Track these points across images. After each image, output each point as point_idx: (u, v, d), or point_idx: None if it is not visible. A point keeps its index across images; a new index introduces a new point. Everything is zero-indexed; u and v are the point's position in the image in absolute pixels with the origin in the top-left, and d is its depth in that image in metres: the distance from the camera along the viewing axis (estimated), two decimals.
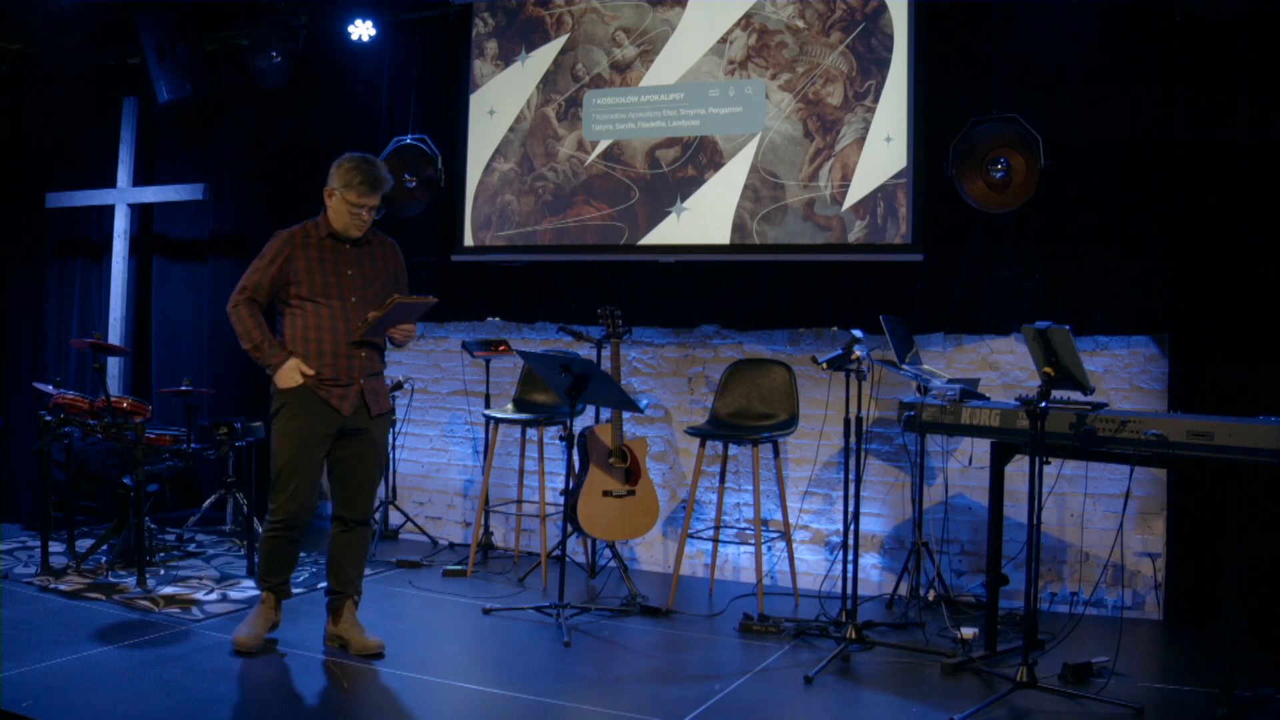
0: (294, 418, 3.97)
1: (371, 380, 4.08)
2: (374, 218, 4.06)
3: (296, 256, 3.99)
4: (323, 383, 3.97)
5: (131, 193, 6.80)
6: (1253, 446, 3.37)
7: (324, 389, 3.97)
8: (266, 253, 4.02)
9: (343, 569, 4.14)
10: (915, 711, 3.61)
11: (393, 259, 4.20)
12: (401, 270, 4.23)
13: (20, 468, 6.87)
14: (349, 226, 4.00)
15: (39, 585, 4.86)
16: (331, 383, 3.98)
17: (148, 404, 5.46)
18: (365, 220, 4.01)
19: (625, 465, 4.96)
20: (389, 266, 4.16)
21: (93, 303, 7.06)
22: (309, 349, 3.97)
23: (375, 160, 4.05)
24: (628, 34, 5.80)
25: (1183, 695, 3.80)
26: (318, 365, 3.96)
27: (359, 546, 4.17)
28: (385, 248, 4.20)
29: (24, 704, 3.37)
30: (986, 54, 5.07)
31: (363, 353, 4.03)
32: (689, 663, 4.20)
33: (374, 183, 3.97)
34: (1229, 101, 4.62)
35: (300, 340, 3.99)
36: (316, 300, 3.97)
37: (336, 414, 3.98)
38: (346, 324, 3.98)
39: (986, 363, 5.23)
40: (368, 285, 4.06)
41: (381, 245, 4.18)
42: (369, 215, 4.02)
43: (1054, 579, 5.01)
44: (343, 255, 4.05)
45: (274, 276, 3.99)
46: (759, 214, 5.47)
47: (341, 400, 3.99)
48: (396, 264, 4.21)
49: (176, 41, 6.38)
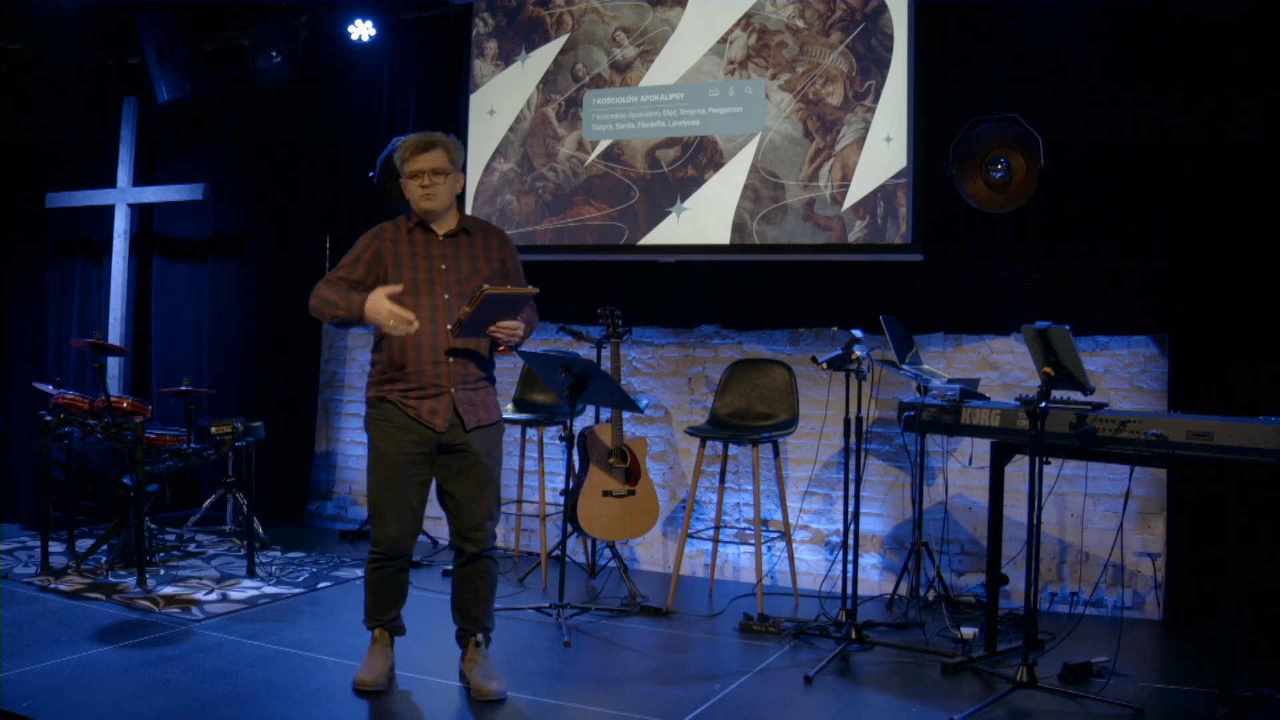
0: (382, 433, 3.59)
1: (466, 390, 3.59)
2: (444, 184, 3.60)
3: (385, 250, 3.60)
4: (410, 393, 3.55)
5: (131, 193, 6.80)
6: (1253, 446, 3.36)
7: (412, 400, 3.55)
8: (355, 247, 3.66)
9: (465, 605, 3.72)
10: (915, 711, 3.61)
11: (498, 249, 3.72)
12: (511, 260, 3.74)
13: (20, 468, 6.87)
14: (420, 200, 3.58)
15: (39, 585, 4.86)
16: (419, 393, 3.55)
17: (148, 404, 5.45)
18: (431, 188, 3.57)
19: (625, 465, 4.96)
20: (493, 258, 3.69)
21: (93, 303, 7.07)
22: (394, 356, 3.56)
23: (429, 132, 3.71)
24: (628, 34, 5.80)
25: (1183, 695, 3.80)
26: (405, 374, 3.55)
27: (480, 581, 3.70)
28: (490, 237, 3.73)
29: (24, 704, 3.37)
30: (986, 54, 5.07)
31: (455, 358, 3.56)
32: (689, 663, 4.20)
33: (420, 142, 3.60)
34: (1229, 101, 4.62)
35: (387, 346, 3.57)
36: (404, 299, 3.49)
37: (427, 429, 3.55)
38: (438, 325, 3.55)
39: (986, 363, 5.23)
40: (465, 280, 3.61)
41: (485, 235, 3.72)
42: (432, 179, 3.57)
43: (1054, 579, 5.01)
44: (435, 247, 3.62)
45: (361, 274, 3.59)
46: (759, 214, 5.47)
47: (432, 415, 3.54)
48: (504, 254, 3.72)
49: (176, 41, 6.38)
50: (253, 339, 6.72)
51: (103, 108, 6.99)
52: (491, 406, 3.71)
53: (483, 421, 3.64)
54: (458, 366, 3.58)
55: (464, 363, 3.60)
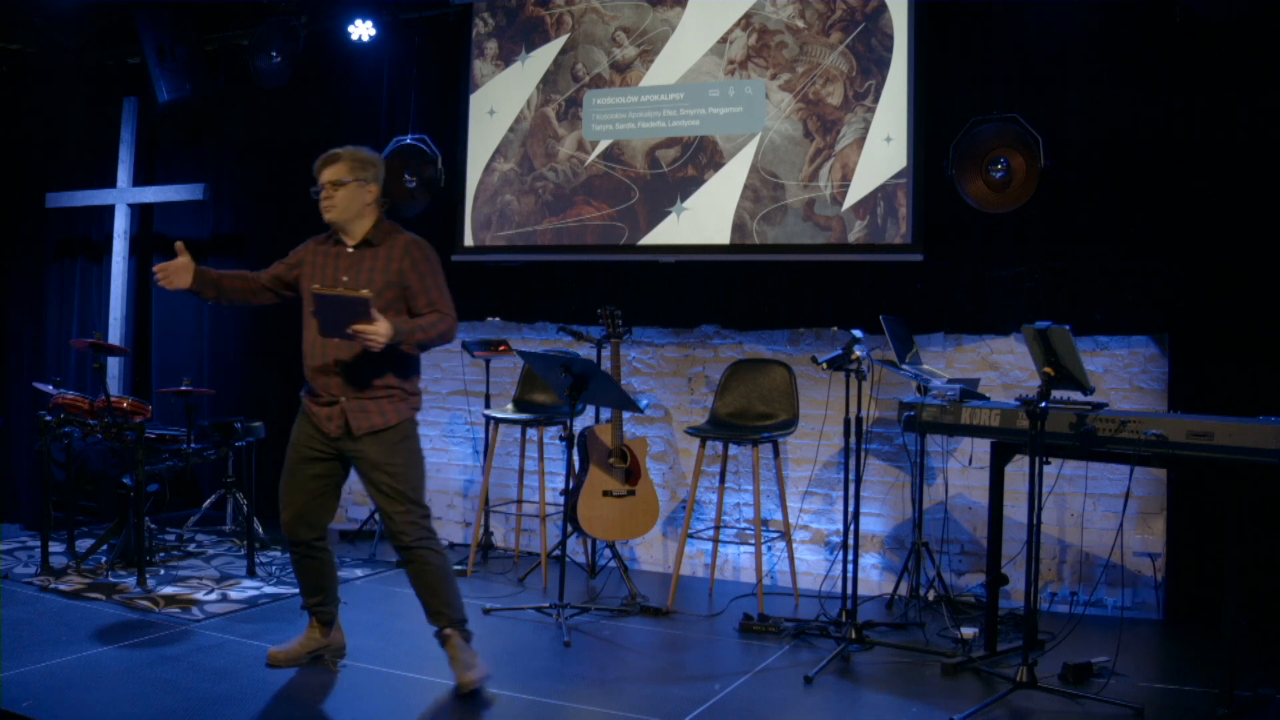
0: (295, 427, 3.81)
1: (360, 399, 3.66)
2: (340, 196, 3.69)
3: (305, 260, 3.80)
4: (314, 399, 3.73)
5: (131, 193, 6.81)
6: (1253, 446, 3.36)
7: (314, 405, 3.73)
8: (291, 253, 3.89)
9: (424, 601, 3.77)
10: (915, 711, 3.61)
11: (398, 259, 3.70)
12: (413, 270, 3.71)
13: (20, 468, 6.87)
14: (322, 212, 3.71)
15: (39, 585, 4.86)
16: (317, 400, 3.72)
17: (148, 404, 5.45)
18: (328, 200, 3.68)
19: (625, 465, 4.96)
20: (390, 269, 3.69)
21: (93, 303, 7.07)
22: (303, 365, 3.74)
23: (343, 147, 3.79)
24: (628, 34, 5.80)
25: (1183, 695, 3.80)
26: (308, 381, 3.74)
27: (425, 576, 3.73)
28: (394, 248, 3.72)
29: (24, 704, 3.37)
30: (986, 54, 5.07)
31: (346, 368, 3.64)
32: (689, 663, 4.20)
33: (325, 157, 3.73)
34: (1229, 101, 4.62)
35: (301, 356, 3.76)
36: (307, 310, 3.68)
37: (324, 435, 3.71)
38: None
39: (986, 363, 5.23)
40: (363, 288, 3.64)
41: (390, 246, 3.73)
42: (330, 191, 3.68)
43: (1054, 579, 5.01)
44: (343, 259, 3.74)
45: (281, 271, 3.84)
46: (759, 214, 5.47)
47: (328, 421, 3.69)
48: (403, 264, 3.70)
49: (176, 41, 6.39)
50: (253, 339, 6.72)
51: (103, 108, 6.99)
52: (389, 412, 3.70)
53: (375, 427, 3.68)
54: (349, 376, 3.65)
55: (357, 372, 3.65)
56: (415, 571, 3.74)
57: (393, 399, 3.72)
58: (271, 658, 3.89)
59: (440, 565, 3.75)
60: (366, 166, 3.76)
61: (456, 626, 3.74)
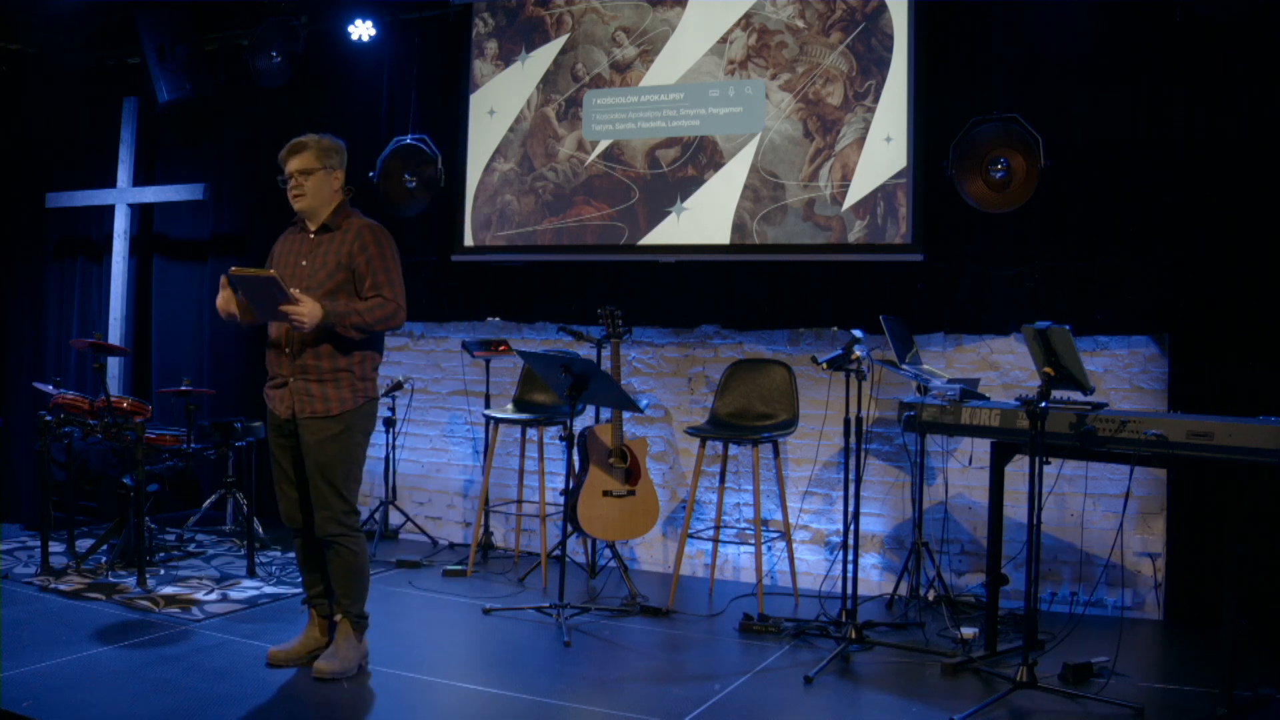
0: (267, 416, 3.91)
1: (306, 380, 3.72)
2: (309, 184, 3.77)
3: (277, 248, 3.91)
4: (270, 383, 3.83)
5: (131, 193, 6.81)
6: (1253, 446, 3.37)
7: (270, 389, 3.83)
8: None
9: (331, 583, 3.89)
10: (915, 711, 3.61)
11: (350, 244, 3.73)
12: (362, 254, 3.72)
13: (20, 468, 6.87)
14: (290, 201, 3.79)
15: (39, 585, 4.86)
16: (272, 383, 3.82)
17: (148, 404, 5.45)
18: (297, 188, 3.76)
19: (625, 465, 4.96)
20: (342, 252, 3.73)
21: (93, 303, 7.07)
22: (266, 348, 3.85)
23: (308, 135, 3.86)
24: (628, 34, 5.80)
25: (1183, 695, 3.80)
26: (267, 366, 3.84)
27: (333, 565, 3.83)
28: (349, 232, 3.76)
29: (24, 704, 3.37)
30: (986, 54, 5.07)
31: (290, 349, 3.72)
32: (689, 663, 4.20)
33: (291, 145, 3.80)
34: (1229, 101, 4.62)
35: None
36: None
37: (279, 419, 3.81)
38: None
39: (986, 363, 5.23)
40: (313, 275, 3.73)
41: (346, 230, 3.77)
42: (298, 180, 3.76)
43: (1054, 579, 5.01)
44: (305, 244, 3.82)
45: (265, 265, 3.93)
46: (759, 214, 5.47)
47: (279, 403, 3.78)
48: (353, 248, 3.73)
49: (176, 41, 6.39)
50: (253, 339, 6.71)
51: (103, 108, 6.99)
52: (332, 399, 3.74)
53: (316, 413, 3.73)
54: (297, 358, 3.73)
55: (306, 354, 3.72)
56: (329, 559, 3.85)
57: (339, 384, 3.74)
58: (271, 657, 3.90)
59: (353, 562, 3.83)
60: (332, 154, 3.83)
61: (350, 618, 3.85)
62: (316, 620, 3.98)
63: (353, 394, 3.77)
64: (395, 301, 3.75)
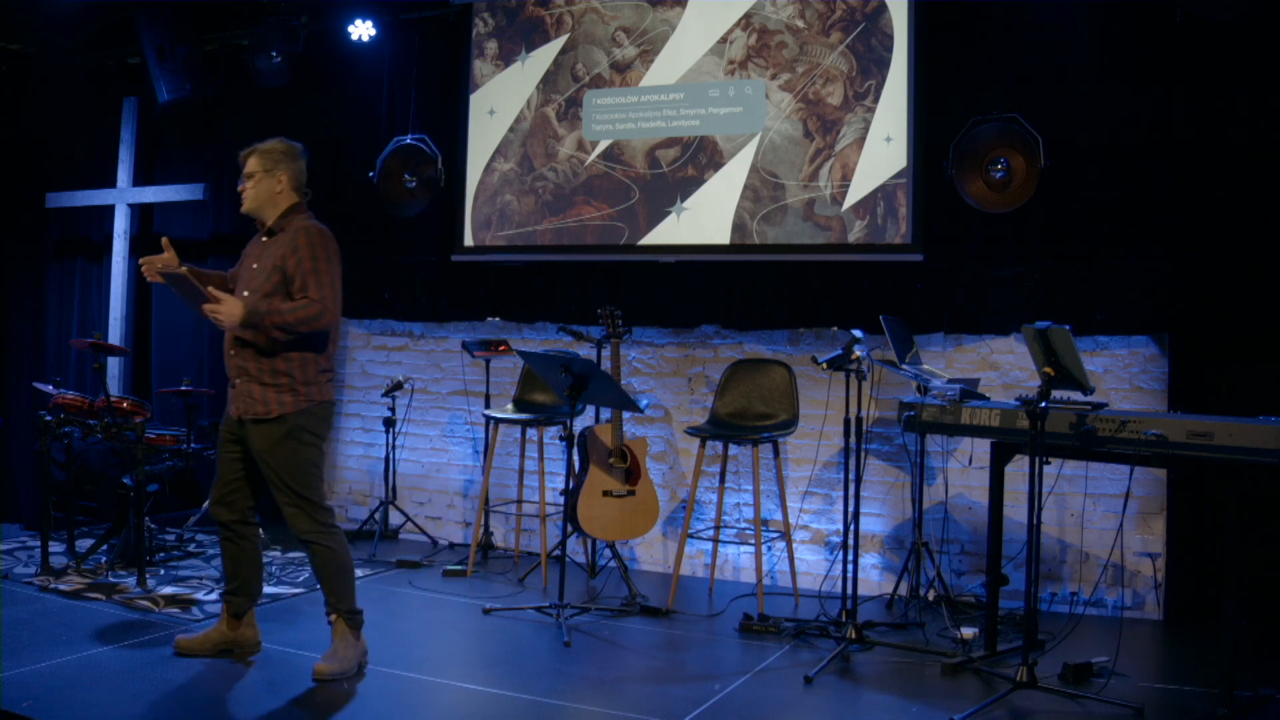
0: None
1: (248, 382, 3.77)
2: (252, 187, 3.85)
3: (244, 250, 3.98)
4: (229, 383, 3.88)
5: (131, 193, 6.81)
6: (1253, 446, 3.37)
7: (229, 386, 3.89)
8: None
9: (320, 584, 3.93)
10: (915, 711, 3.61)
11: (284, 245, 3.77)
12: (293, 255, 3.73)
13: (20, 468, 6.87)
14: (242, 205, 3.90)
15: (39, 585, 4.86)
16: (230, 384, 3.88)
17: (148, 404, 5.45)
18: (244, 192, 3.86)
19: (625, 465, 4.96)
20: (278, 254, 3.76)
21: (93, 303, 7.07)
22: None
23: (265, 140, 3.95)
24: (628, 34, 5.80)
25: (1183, 695, 3.80)
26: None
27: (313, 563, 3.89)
28: (287, 233, 3.80)
29: (24, 704, 3.37)
30: (986, 54, 5.07)
31: (238, 353, 3.78)
32: (689, 663, 4.20)
33: (243, 153, 3.91)
34: (1229, 101, 4.62)
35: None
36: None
37: (228, 414, 3.88)
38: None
39: (986, 363, 5.23)
40: (256, 278, 3.79)
41: (285, 232, 3.81)
42: (245, 183, 3.86)
43: (1054, 579, 5.01)
44: (257, 247, 3.90)
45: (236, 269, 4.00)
46: (759, 214, 5.47)
47: (230, 402, 3.87)
48: (285, 250, 3.75)
49: (176, 41, 6.39)
50: None
51: (103, 108, 6.99)
52: (271, 403, 3.75)
53: (258, 415, 3.76)
54: (242, 359, 3.78)
55: (245, 357, 3.77)
56: (310, 558, 3.89)
57: (280, 388, 3.76)
58: (178, 645, 3.96)
59: (331, 559, 3.84)
60: (275, 158, 3.89)
61: (343, 615, 3.86)
62: (226, 616, 3.99)
63: (294, 397, 3.77)
64: (320, 303, 3.71)
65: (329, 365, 3.92)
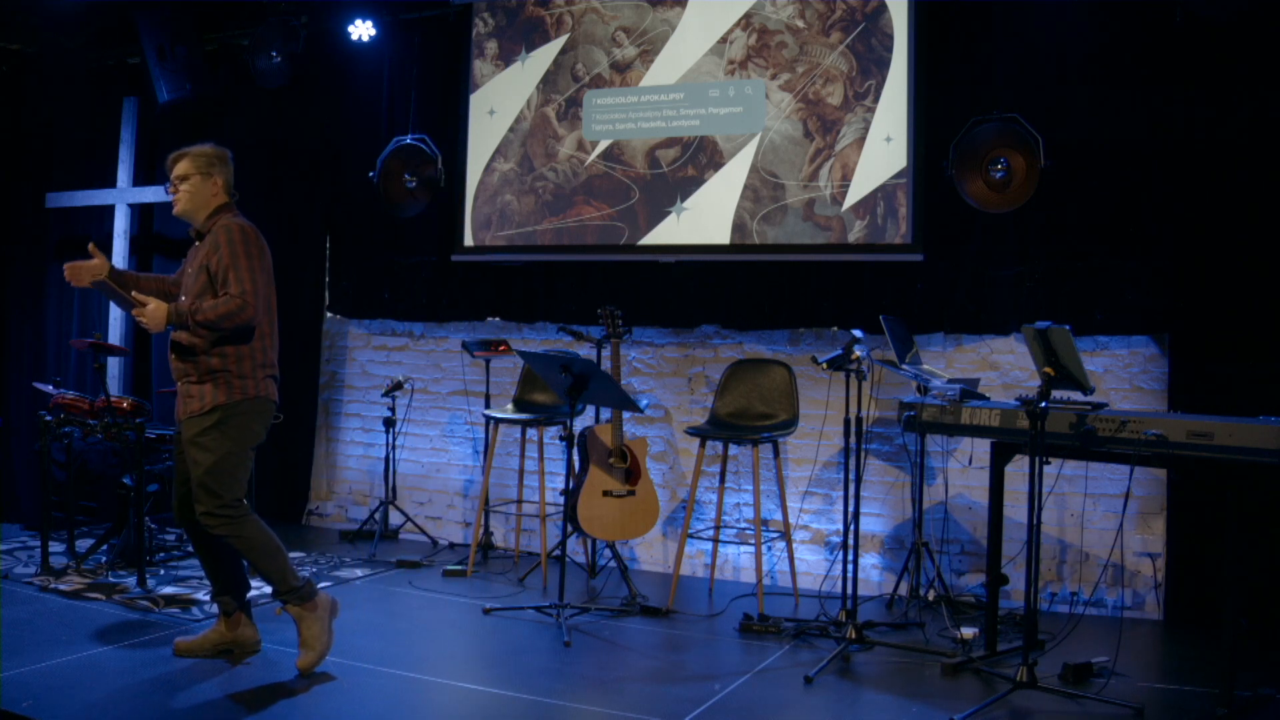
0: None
1: (186, 383, 3.82)
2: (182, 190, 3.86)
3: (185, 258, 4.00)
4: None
5: (131, 193, 6.81)
6: (1253, 446, 3.36)
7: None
8: None
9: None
10: (915, 711, 3.61)
11: (210, 241, 3.79)
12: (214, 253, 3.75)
13: (20, 468, 6.87)
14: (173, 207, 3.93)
15: (39, 585, 4.86)
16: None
17: (148, 404, 5.45)
18: (174, 194, 3.88)
19: (625, 465, 4.96)
20: (205, 255, 3.80)
21: (93, 303, 7.06)
22: None
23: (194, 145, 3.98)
24: (628, 34, 5.80)
25: (1183, 695, 3.80)
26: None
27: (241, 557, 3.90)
28: (214, 232, 3.81)
29: (24, 704, 3.37)
30: (986, 54, 5.07)
31: (174, 354, 3.84)
32: (689, 663, 4.20)
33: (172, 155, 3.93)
34: (1229, 101, 4.62)
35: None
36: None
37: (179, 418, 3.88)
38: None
39: (986, 363, 5.23)
40: (189, 281, 3.85)
41: (215, 231, 3.81)
42: (176, 185, 3.87)
43: (1054, 579, 5.01)
44: (191, 251, 3.94)
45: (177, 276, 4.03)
46: (759, 214, 5.47)
47: (177, 405, 3.90)
48: (209, 249, 3.78)
49: (176, 41, 6.38)
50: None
51: (103, 108, 6.99)
52: (206, 397, 3.79)
53: (193, 412, 3.80)
54: (181, 360, 3.83)
55: (179, 359, 3.83)
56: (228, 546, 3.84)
57: (215, 383, 3.79)
58: (177, 647, 3.95)
59: (247, 548, 3.79)
60: (210, 160, 3.93)
61: (289, 597, 3.82)
62: (223, 617, 3.99)
63: (228, 391, 3.78)
64: (241, 297, 3.71)
65: (267, 362, 3.89)
